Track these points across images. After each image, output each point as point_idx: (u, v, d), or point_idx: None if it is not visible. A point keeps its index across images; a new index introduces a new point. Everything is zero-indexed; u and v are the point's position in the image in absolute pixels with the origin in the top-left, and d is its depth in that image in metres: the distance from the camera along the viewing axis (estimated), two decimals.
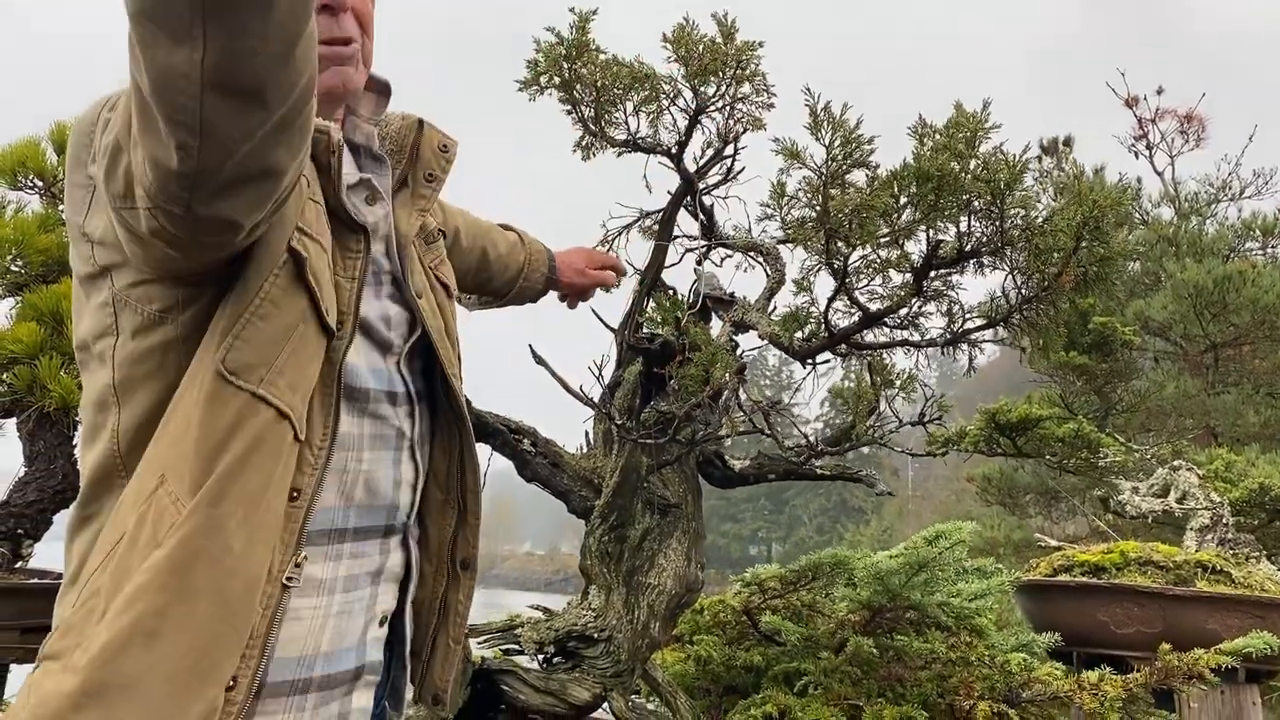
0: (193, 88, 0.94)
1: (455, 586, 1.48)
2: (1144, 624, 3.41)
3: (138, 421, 1.21)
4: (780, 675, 2.98)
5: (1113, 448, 4.63)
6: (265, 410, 1.18)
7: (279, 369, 1.21)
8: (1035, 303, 2.47)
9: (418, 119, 1.53)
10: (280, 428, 1.20)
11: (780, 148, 2.50)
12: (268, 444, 1.18)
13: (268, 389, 1.19)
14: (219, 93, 0.95)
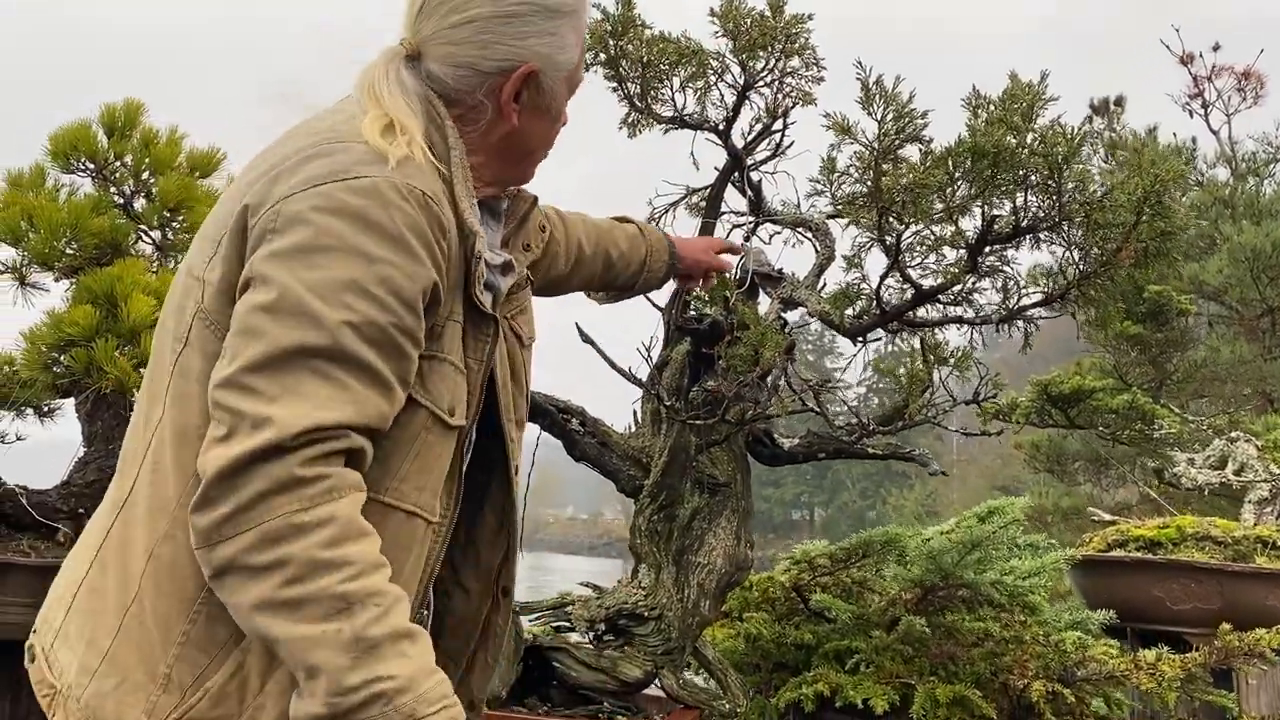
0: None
1: (497, 610, 1.54)
2: (1201, 600, 3.36)
3: None
4: (831, 653, 2.97)
5: (1168, 419, 4.54)
6: (396, 514, 1.28)
7: (403, 476, 1.28)
8: (1093, 278, 2.41)
9: (534, 196, 1.61)
10: (412, 524, 1.30)
11: (831, 123, 2.46)
12: (401, 540, 1.28)
13: (394, 497, 1.27)
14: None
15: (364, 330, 1.17)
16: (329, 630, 1.09)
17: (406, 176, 1.24)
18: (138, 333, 3.14)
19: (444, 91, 1.38)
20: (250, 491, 1.10)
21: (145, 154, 3.43)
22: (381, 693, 1.09)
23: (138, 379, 3.16)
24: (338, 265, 1.17)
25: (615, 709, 2.81)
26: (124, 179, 3.48)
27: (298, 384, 1.14)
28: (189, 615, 1.20)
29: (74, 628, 1.27)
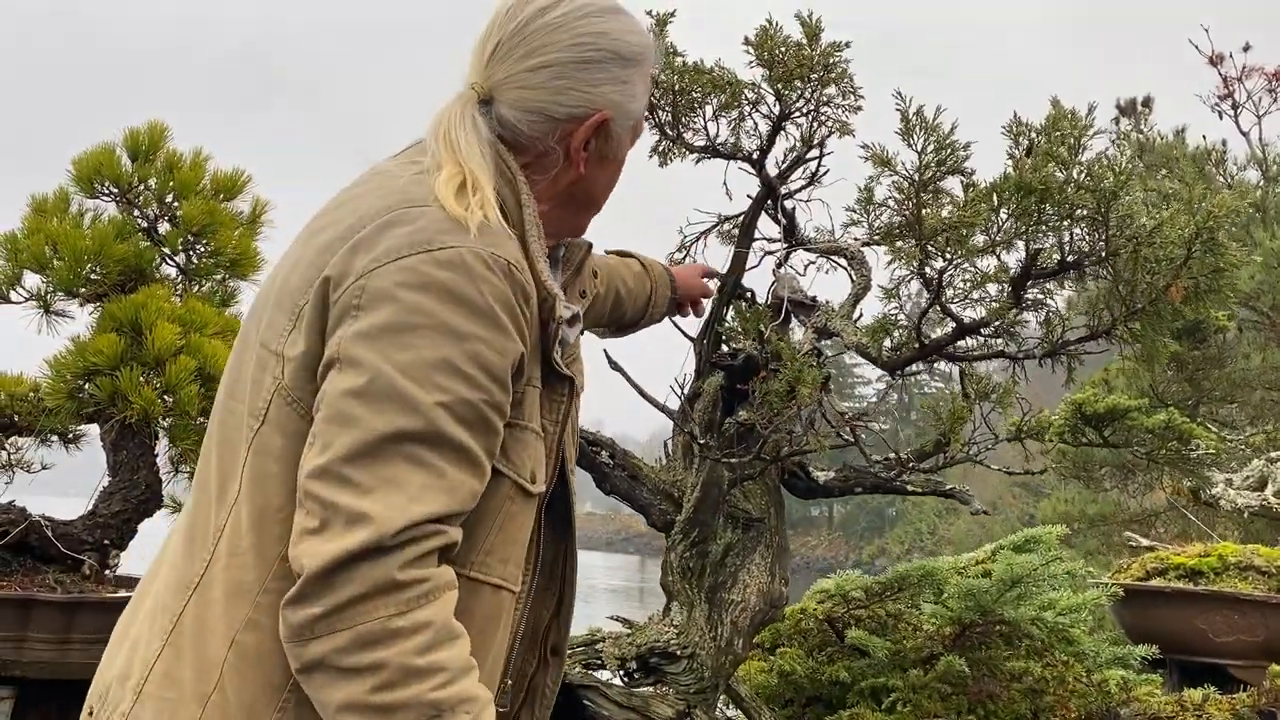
0: None
1: (544, 670, 1.48)
2: (1245, 632, 3.28)
3: None
4: (867, 690, 2.91)
5: (1205, 438, 4.45)
6: (484, 589, 1.26)
7: (489, 549, 1.26)
8: (1141, 314, 2.34)
9: (589, 242, 1.58)
10: (498, 597, 1.28)
11: (870, 154, 2.40)
12: (490, 614, 1.27)
13: (481, 572, 1.25)
14: None
15: (457, 410, 1.15)
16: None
17: (490, 245, 1.21)
18: (162, 361, 3.11)
19: (514, 138, 1.35)
20: (348, 593, 1.08)
21: (169, 178, 3.41)
22: None
23: (162, 408, 3.13)
24: (428, 344, 1.15)
25: None
26: (148, 203, 3.46)
27: (394, 474, 1.12)
28: (277, 704, 1.18)
29: (147, 715, 1.23)
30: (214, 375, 3.20)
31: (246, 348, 1.30)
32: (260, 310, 1.32)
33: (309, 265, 1.25)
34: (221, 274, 3.55)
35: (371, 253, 1.19)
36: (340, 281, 1.19)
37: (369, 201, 1.26)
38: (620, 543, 57.16)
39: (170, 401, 3.13)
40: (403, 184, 1.29)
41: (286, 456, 1.19)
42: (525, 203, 1.33)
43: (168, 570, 1.31)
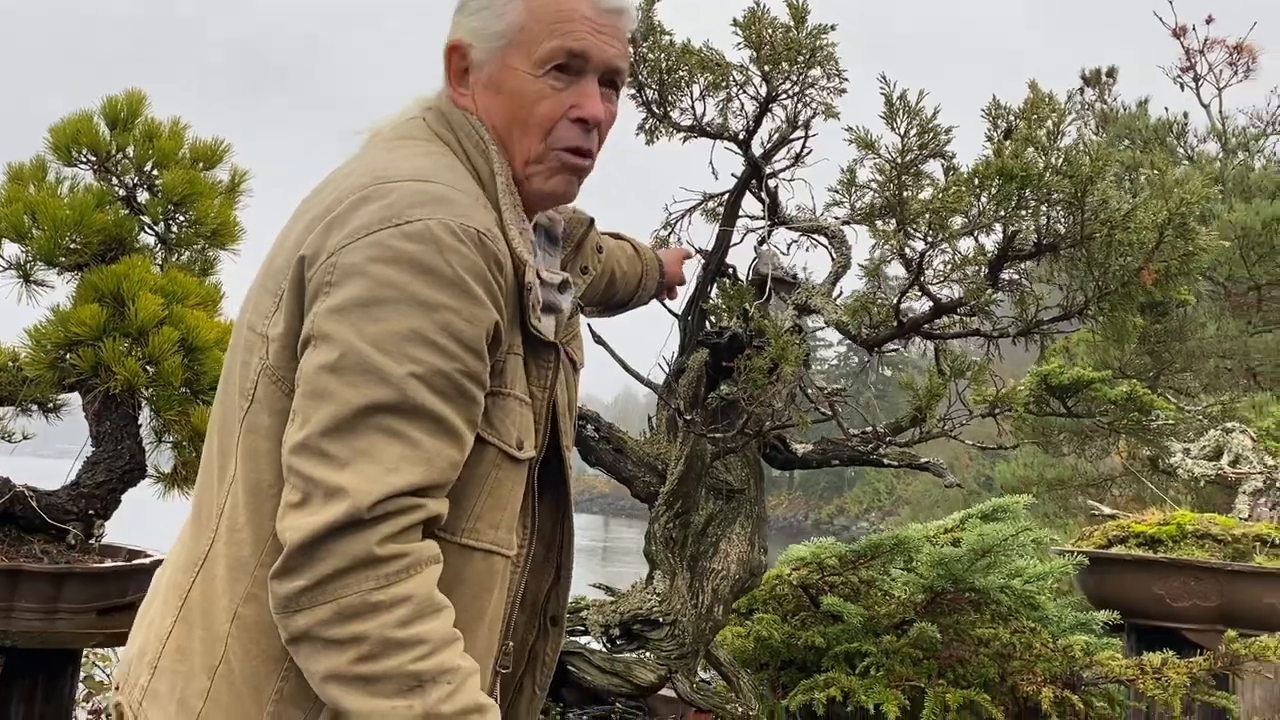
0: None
1: (544, 639, 1.52)
2: (1201, 598, 3.42)
3: None
4: (841, 655, 3.01)
5: (1165, 409, 4.59)
6: (475, 554, 1.29)
7: (478, 515, 1.29)
8: (1113, 295, 2.43)
9: (590, 218, 1.59)
10: (490, 562, 1.31)
11: (854, 137, 2.45)
12: (483, 580, 1.30)
13: (471, 538, 1.28)
14: None
15: (431, 381, 1.17)
16: (399, 706, 1.11)
17: (460, 215, 1.22)
18: (145, 332, 3.11)
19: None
20: (328, 567, 1.12)
21: (149, 146, 3.38)
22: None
23: (146, 379, 3.14)
24: (398, 317, 1.16)
25: (627, 710, 2.85)
26: (126, 171, 3.43)
27: (369, 446, 1.14)
28: (280, 673, 1.22)
29: (164, 687, 1.28)
30: (196, 346, 3.21)
31: (239, 331, 1.34)
32: (251, 294, 1.36)
33: (291, 246, 1.29)
34: (201, 243, 3.53)
35: (344, 230, 1.21)
36: (314, 260, 1.22)
37: (349, 180, 1.29)
38: (584, 503, 57.42)
39: (153, 372, 3.13)
40: (380, 160, 1.31)
41: (275, 434, 1.23)
42: (498, 170, 1.35)
43: (179, 548, 1.37)
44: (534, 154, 1.37)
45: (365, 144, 1.43)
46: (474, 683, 1.17)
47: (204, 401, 3.25)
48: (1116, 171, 2.58)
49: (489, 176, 1.34)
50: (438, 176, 1.27)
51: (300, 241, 1.26)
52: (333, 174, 1.37)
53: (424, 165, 1.30)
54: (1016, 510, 3.48)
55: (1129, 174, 9.19)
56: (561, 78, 1.35)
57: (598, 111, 1.37)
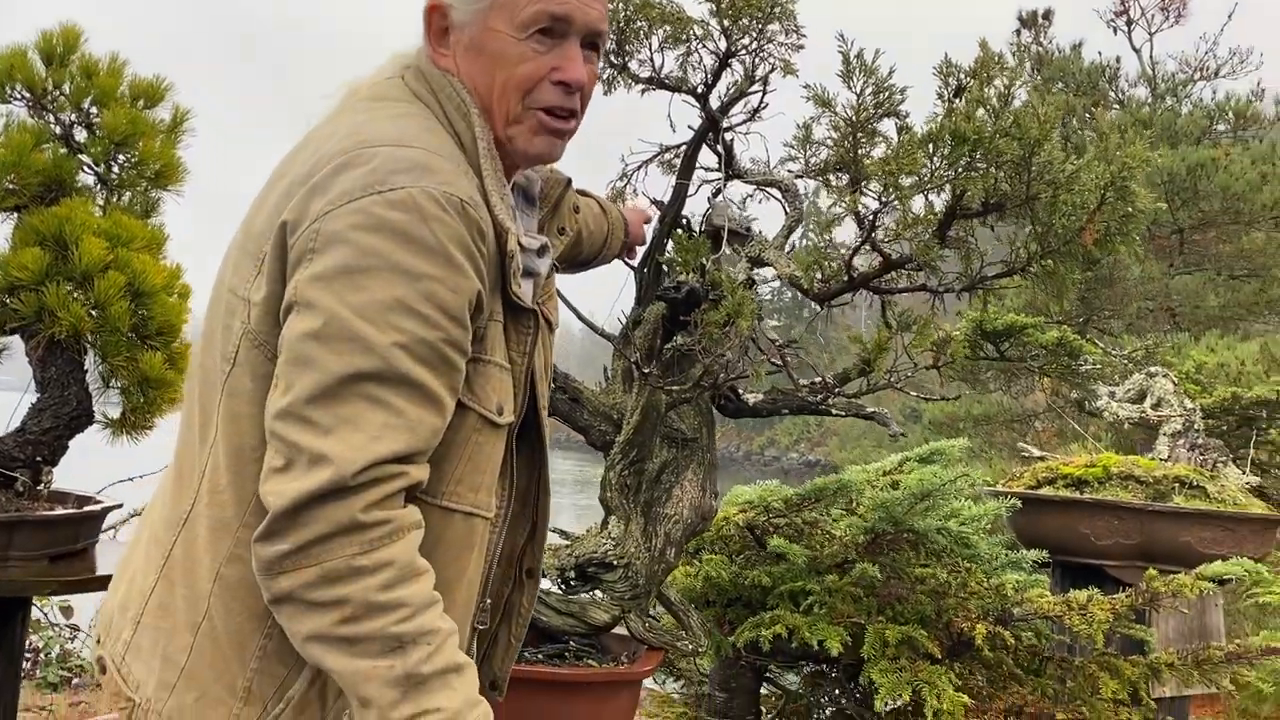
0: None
1: (520, 591, 1.56)
2: (1123, 536, 3.61)
3: None
4: (786, 593, 3.13)
5: (1093, 353, 4.77)
6: (455, 516, 1.31)
7: (459, 478, 1.31)
8: (1056, 254, 2.52)
9: (568, 178, 1.59)
10: (471, 524, 1.34)
11: (811, 94, 2.49)
12: (464, 540, 1.33)
13: (452, 500, 1.31)
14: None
15: (414, 350, 1.18)
16: (381, 666, 1.15)
17: (443, 183, 1.23)
18: (90, 276, 3.05)
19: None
20: (312, 532, 1.14)
21: (87, 84, 3.28)
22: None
23: (92, 324, 3.09)
24: (382, 286, 1.17)
25: (581, 648, 2.94)
26: (63, 108, 3.32)
27: (353, 414, 1.16)
28: (264, 630, 1.25)
29: (146, 642, 1.31)
30: (143, 291, 3.16)
31: (219, 293, 1.34)
32: (230, 255, 1.35)
33: (271, 209, 1.28)
34: (144, 185, 3.46)
35: (326, 196, 1.21)
36: (297, 225, 1.22)
37: (328, 144, 1.28)
38: (572, 446, 57.44)
39: (99, 317, 3.08)
40: (360, 122, 1.30)
41: (257, 398, 1.24)
42: (479, 134, 1.35)
43: (160, 506, 1.39)
44: (514, 114, 1.37)
45: (342, 102, 1.41)
46: (453, 643, 1.21)
47: (152, 347, 3.22)
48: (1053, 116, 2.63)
49: (470, 140, 1.34)
50: (419, 141, 1.27)
51: (280, 205, 1.26)
52: (311, 134, 1.37)
53: (405, 129, 1.29)
54: (952, 454, 3.62)
55: (1066, 118, 9.32)
56: (544, 41, 1.35)
57: (580, 75, 1.37)
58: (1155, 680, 3.15)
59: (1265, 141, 9.84)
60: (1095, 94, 10.50)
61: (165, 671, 1.28)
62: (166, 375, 3.25)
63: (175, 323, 3.29)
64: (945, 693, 2.74)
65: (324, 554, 1.14)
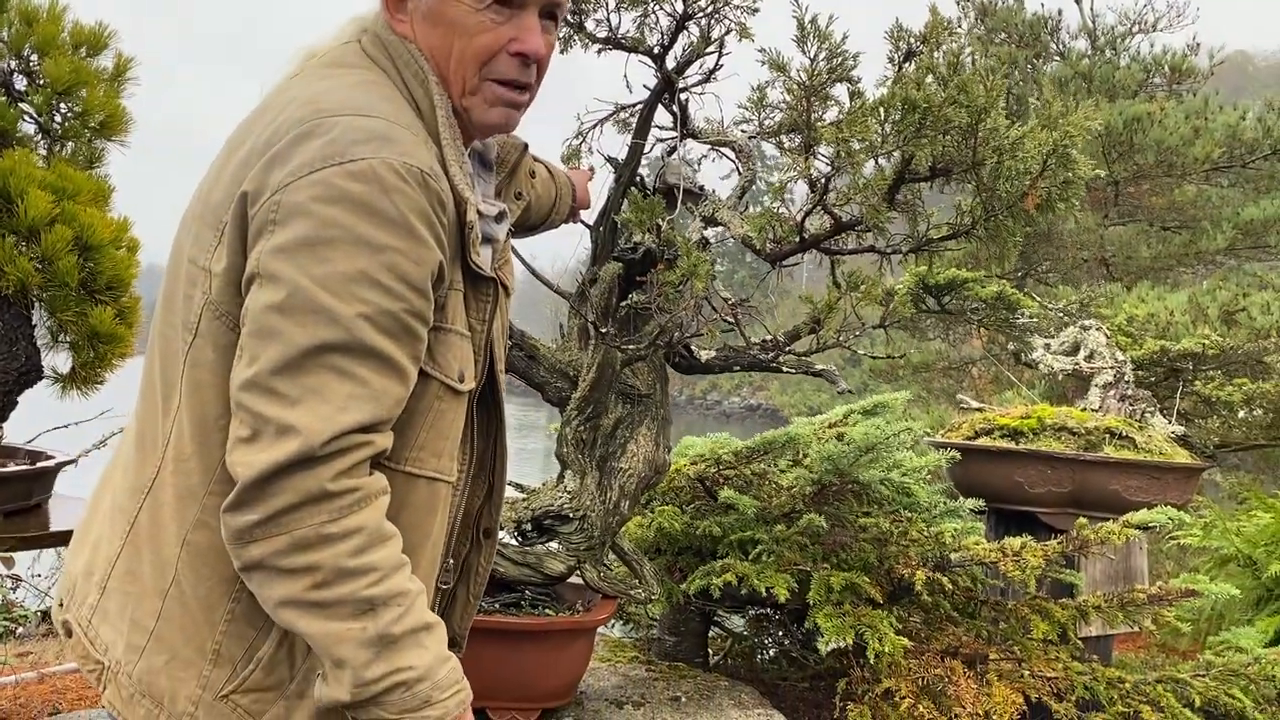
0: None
1: (477, 551, 1.59)
2: (1055, 485, 3.77)
3: None
4: (735, 542, 3.24)
5: (1030, 307, 4.91)
6: (418, 482, 1.33)
7: (421, 444, 1.33)
8: (999, 217, 2.61)
9: (524, 143, 1.60)
10: (433, 488, 1.36)
11: (766, 59, 2.53)
12: (426, 504, 1.35)
13: (415, 466, 1.32)
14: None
15: (378, 320, 1.19)
16: (353, 628, 1.19)
17: (403, 154, 1.23)
18: (37, 231, 3.02)
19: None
20: (281, 501, 1.16)
21: (27, 30, 3.20)
22: (401, 682, 1.20)
23: (40, 279, 3.06)
24: (345, 257, 1.18)
25: (536, 597, 3.02)
26: (1, 56, 3.25)
27: (319, 385, 1.17)
28: (231, 594, 1.27)
29: (113, 606, 1.33)
30: (91, 245, 3.13)
31: (179, 261, 1.34)
32: (189, 223, 1.34)
33: (230, 179, 1.28)
34: (88, 134, 3.40)
35: (286, 166, 1.21)
36: (257, 197, 1.22)
37: (286, 112, 1.27)
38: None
39: (47, 272, 3.05)
40: (319, 90, 1.30)
41: (219, 368, 1.25)
42: (438, 103, 1.35)
43: (122, 474, 1.39)
44: (470, 85, 1.37)
45: (300, 66, 1.40)
46: (422, 603, 1.25)
47: (101, 301, 3.20)
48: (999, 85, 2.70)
49: (429, 108, 1.34)
50: (378, 110, 1.27)
51: (239, 175, 1.26)
52: (268, 100, 1.35)
53: (364, 97, 1.29)
54: (895, 406, 3.74)
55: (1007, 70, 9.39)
56: (502, 11, 1.35)
57: (538, 46, 1.37)
58: (1083, 621, 3.33)
59: (1199, 96, 10.05)
60: (1037, 45, 10.61)
61: (134, 635, 1.30)
62: (116, 330, 3.23)
63: (124, 277, 3.26)
64: (886, 636, 2.87)
65: (294, 523, 1.17)
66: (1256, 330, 6.78)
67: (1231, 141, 9.63)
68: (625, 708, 3.00)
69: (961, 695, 2.98)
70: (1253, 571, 5.19)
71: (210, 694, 1.28)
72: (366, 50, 1.39)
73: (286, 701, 1.29)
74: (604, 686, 3.15)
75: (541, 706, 2.84)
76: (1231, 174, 10.33)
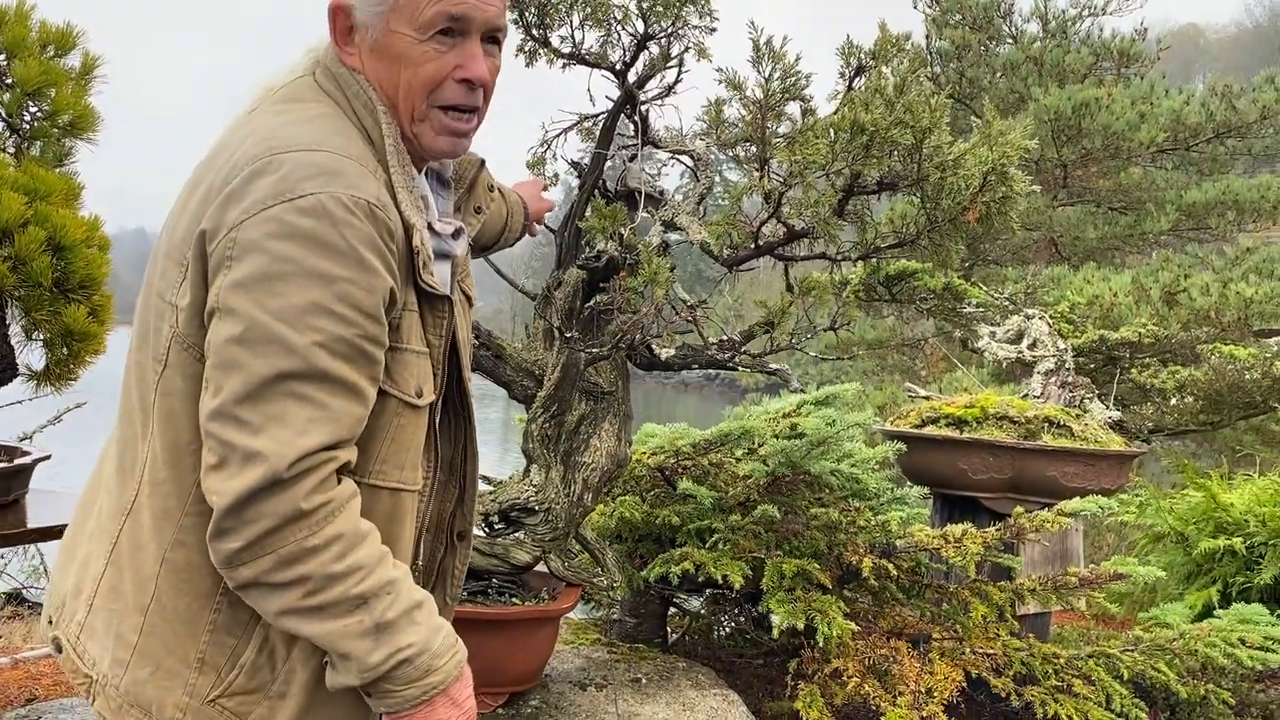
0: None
1: (451, 554, 1.65)
2: (996, 471, 3.96)
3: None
4: (694, 531, 3.40)
5: (977, 296, 5.11)
6: (382, 493, 1.41)
7: (383, 458, 1.41)
8: (942, 228, 2.76)
9: (480, 159, 1.66)
10: (397, 498, 1.43)
11: (723, 79, 2.65)
12: (393, 514, 1.43)
13: (379, 479, 1.41)
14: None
15: (332, 347, 1.25)
16: (351, 624, 1.29)
17: (350, 187, 1.29)
18: (10, 232, 3.08)
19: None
20: (260, 527, 1.25)
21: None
22: (404, 659, 1.32)
23: (14, 279, 3.12)
24: (298, 290, 1.24)
25: (503, 584, 3.16)
26: None
27: (280, 412, 1.24)
28: (212, 606, 1.37)
29: (99, 623, 1.42)
30: (64, 245, 3.20)
31: (149, 295, 1.41)
32: (157, 259, 1.42)
33: (191, 217, 1.35)
34: (56, 133, 3.45)
35: (241, 204, 1.28)
36: (215, 234, 1.29)
37: (242, 148, 1.34)
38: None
39: (21, 272, 3.11)
40: (273, 126, 1.37)
41: (189, 395, 1.34)
42: (386, 132, 1.42)
43: (105, 496, 1.48)
44: (419, 113, 1.43)
45: (257, 101, 1.47)
46: (408, 584, 1.35)
47: (74, 300, 3.26)
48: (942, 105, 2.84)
49: (379, 137, 1.41)
50: (328, 144, 1.34)
51: (198, 213, 1.33)
52: (226, 136, 1.43)
53: (314, 133, 1.36)
54: (846, 396, 3.91)
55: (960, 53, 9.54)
56: (445, 41, 1.40)
57: (482, 72, 1.43)
58: (1020, 602, 3.53)
59: (1145, 80, 10.31)
60: (990, 29, 10.80)
61: (119, 650, 1.39)
62: (90, 328, 3.31)
63: (97, 276, 3.33)
64: (835, 620, 3.05)
65: (276, 543, 1.25)
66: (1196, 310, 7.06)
67: (1176, 126, 9.91)
68: (588, 690, 3.15)
69: (905, 674, 3.17)
70: (1184, 548, 5.46)
71: (197, 700, 1.37)
72: (319, 83, 1.46)
73: (270, 702, 1.39)
74: (568, 669, 3.31)
75: (509, 690, 2.99)
76: (1176, 157, 10.63)
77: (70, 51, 3.42)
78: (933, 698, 3.14)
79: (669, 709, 3.09)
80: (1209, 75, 10.51)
